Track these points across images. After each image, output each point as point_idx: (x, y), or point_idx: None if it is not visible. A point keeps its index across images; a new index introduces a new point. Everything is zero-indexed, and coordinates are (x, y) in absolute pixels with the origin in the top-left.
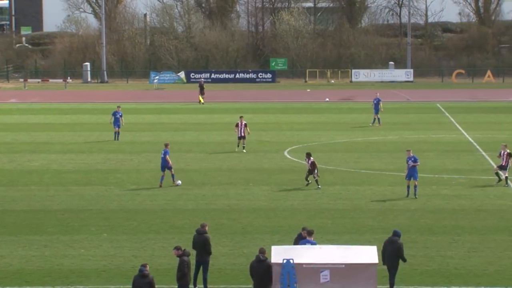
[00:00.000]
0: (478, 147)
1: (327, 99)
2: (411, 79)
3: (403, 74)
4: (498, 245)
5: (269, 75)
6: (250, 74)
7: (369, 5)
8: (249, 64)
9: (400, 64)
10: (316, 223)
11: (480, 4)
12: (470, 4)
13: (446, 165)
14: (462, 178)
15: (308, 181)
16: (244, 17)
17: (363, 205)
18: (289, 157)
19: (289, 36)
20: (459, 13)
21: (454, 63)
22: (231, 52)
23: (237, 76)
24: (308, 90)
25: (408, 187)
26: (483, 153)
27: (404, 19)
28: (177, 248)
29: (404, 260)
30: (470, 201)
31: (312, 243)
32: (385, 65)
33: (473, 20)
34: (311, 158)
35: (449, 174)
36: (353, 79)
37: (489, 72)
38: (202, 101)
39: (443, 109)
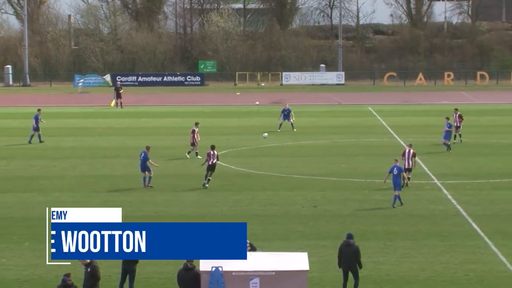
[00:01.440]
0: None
1: (257, 103)
2: (343, 82)
3: (334, 77)
4: (430, 250)
5: (197, 78)
6: (178, 77)
7: (300, 7)
8: (177, 66)
9: (331, 66)
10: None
11: (412, 5)
12: (402, 5)
13: (378, 170)
14: None
15: (206, 183)
16: (172, 18)
17: (294, 210)
18: (219, 162)
19: (218, 38)
20: (391, 15)
21: (385, 66)
22: (158, 55)
23: (165, 79)
24: (238, 93)
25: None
26: (415, 157)
27: (335, 21)
28: None
29: (360, 266)
30: (402, 206)
31: None
32: (316, 68)
33: (405, 22)
34: (213, 151)
35: (381, 179)
36: (284, 82)
37: (420, 75)
38: (112, 105)
39: (374, 113)
